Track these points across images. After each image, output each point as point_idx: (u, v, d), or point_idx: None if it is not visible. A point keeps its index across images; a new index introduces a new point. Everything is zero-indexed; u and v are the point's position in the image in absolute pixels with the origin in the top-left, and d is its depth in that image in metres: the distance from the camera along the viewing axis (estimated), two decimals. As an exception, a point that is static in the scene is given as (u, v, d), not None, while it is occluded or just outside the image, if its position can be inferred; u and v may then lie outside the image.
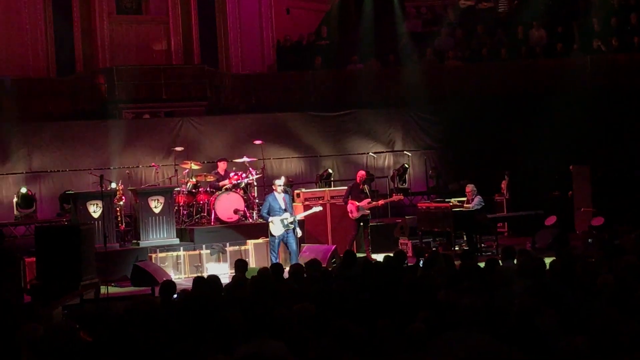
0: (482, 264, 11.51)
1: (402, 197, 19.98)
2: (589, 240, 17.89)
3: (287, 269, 12.80)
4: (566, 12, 26.79)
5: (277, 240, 17.06)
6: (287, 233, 17.00)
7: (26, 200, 20.38)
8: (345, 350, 7.19)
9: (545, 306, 8.17)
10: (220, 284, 11.04)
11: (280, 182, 17.43)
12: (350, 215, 18.84)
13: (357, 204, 18.67)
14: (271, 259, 16.90)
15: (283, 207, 17.01)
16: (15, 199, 20.34)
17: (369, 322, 7.94)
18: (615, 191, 21.31)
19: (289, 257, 17.16)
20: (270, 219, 16.95)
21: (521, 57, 25.82)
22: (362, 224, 18.83)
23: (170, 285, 10.72)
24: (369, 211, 18.76)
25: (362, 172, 19.48)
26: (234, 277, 12.24)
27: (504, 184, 21.99)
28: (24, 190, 20.40)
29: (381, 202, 19.23)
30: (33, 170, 21.23)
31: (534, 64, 25.59)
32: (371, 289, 10.11)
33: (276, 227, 16.99)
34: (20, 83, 22.53)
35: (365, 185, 19.06)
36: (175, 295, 10.49)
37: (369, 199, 18.75)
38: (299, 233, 17.41)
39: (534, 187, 22.07)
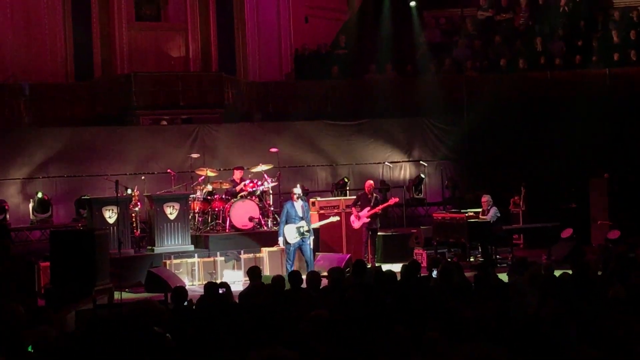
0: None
1: (397, 199, 19.85)
2: (605, 252, 17.77)
3: (303, 277, 12.78)
4: (585, 24, 26.72)
5: (292, 248, 17.10)
6: (303, 241, 17.03)
7: (42, 205, 20.45)
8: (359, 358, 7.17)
9: (561, 318, 8.13)
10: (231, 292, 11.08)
11: (298, 191, 17.50)
12: (352, 224, 18.89)
13: (357, 212, 18.71)
14: (287, 267, 16.91)
15: (300, 214, 17.06)
16: (31, 204, 20.41)
17: (381, 330, 7.91)
18: (632, 204, 21.22)
19: (304, 265, 17.15)
20: (284, 228, 17.03)
21: (539, 69, 25.74)
22: (370, 232, 18.84)
23: (181, 291, 10.70)
24: (369, 219, 18.70)
25: (370, 182, 19.42)
26: (249, 285, 12.26)
27: (519, 197, 21.87)
28: (40, 194, 20.47)
29: (379, 207, 19.02)
30: (50, 175, 21.28)
31: (552, 75, 25.51)
32: (382, 298, 10.09)
33: (291, 234, 17.02)
34: (38, 88, 22.62)
35: (375, 195, 19.01)
36: (186, 302, 10.50)
37: (369, 207, 18.72)
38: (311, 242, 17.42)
39: (550, 199, 22.00)
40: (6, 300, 11.24)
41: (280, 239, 17.33)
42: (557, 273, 11.10)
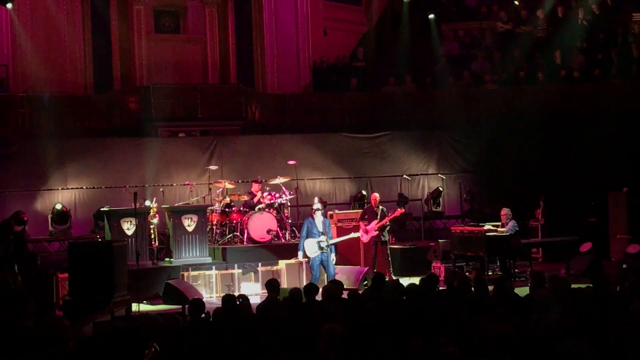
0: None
1: (403, 210, 19.75)
2: (624, 266, 17.67)
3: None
4: (604, 37, 26.64)
5: (315, 264, 17.06)
6: (323, 255, 16.98)
7: (61, 217, 20.50)
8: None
9: (577, 333, 8.08)
10: (249, 303, 11.08)
11: (317, 205, 17.50)
12: (360, 238, 18.80)
13: (364, 227, 18.65)
14: (311, 280, 16.85)
15: (321, 230, 17.04)
16: (50, 215, 20.47)
17: (397, 343, 7.89)
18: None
19: (327, 280, 17.03)
20: (305, 242, 17.05)
21: (559, 81, 25.65)
22: (379, 244, 18.73)
23: (198, 303, 10.71)
24: (377, 232, 18.62)
25: (375, 196, 19.35)
26: (266, 297, 12.24)
27: (538, 211, 21.78)
28: (59, 206, 20.53)
29: (386, 219, 18.91)
30: (68, 187, 21.35)
31: (571, 88, 25.43)
32: (401, 311, 10.06)
33: (311, 248, 17.00)
34: (58, 100, 22.68)
35: (382, 208, 18.93)
36: (203, 315, 10.50)
37: (376, 220, 18.64)
38: (334, 259, 17.37)
39: (569, 213, 21.90)
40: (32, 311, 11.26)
41: (300, 253, 17.34)
42: (575, 287, 11.02)
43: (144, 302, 16.63)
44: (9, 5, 21.87)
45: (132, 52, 25.06)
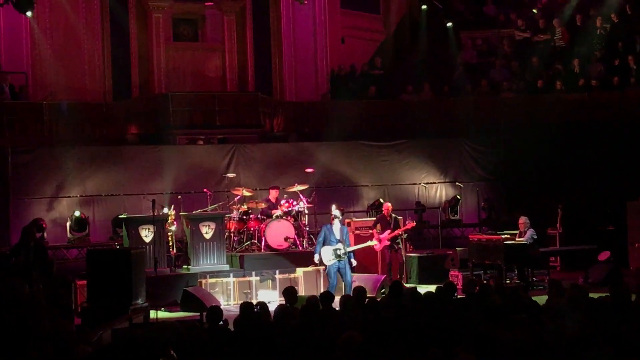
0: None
1: (414, 224, 19.72)
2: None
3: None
4: (623, 46, 26.53)
5: (329, 270, 17.04)
6: (340, 263, 16.97)
7: (79, 224, 20.58)
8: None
9: (597, 341, 8.06)
10: (268, 311, 11.08)
11: (336, 214, 17.50)
12: (374, 247, 18.78)
13: (377, 235, 18.64)
14: (329, 290, 16.82)
15: (338, 237, 17.02)
16: (69, 222, 20.55)
17: (414, 351, 7.88)
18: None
19: (344, 288, 17.00)
20: (321, 250, 17.02)
21: (577, 90, 25.56)
22: (392, 251, 18.71)
23: (216, 311, 10.73)
24: (390, 242, 18.61)
25: (388, 205, 19.38)
26: (277, 306, 12.25)
27: (557, 220, 21.71)
28: (77, 213, 20.61)
29: (398, 231, 18.92)
30: (87, 194, 21.41)
31: (590, 96, 25.33)
32: (418, 319, 10.05)
33: (327, 256, 16.98)
34: (76, 107, 22.77)
35: (394, 216, 18.92)
36: (221, 322, 10.52)
37: (389, 230, 18.63)
38: (354, 263, 17.36)
39: (587, 221, 21.82)
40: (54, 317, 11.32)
41: (316, 256, 17.25)
42: (594, 296, 10.99)
43: (162, 309, 16.63)
44: (29, 14, 21.96)
45: (151, 59, 25.15)
